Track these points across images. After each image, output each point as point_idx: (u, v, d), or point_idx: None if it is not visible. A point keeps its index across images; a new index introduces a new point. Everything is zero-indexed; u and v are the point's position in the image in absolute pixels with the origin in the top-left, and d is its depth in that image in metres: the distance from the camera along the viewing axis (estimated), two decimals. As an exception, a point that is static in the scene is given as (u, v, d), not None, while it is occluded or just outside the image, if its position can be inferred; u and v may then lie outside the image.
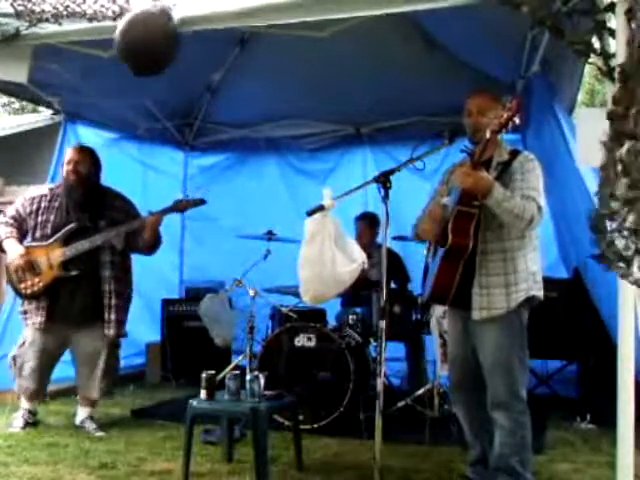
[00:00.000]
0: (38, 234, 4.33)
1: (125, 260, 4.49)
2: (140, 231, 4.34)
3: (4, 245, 4.30)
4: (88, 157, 4.43)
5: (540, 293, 3.11)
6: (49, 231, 4.31)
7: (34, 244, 4.31)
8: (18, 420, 4.38)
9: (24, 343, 4.38)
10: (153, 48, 3.14)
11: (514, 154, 3.15)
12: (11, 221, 4.36)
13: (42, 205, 4.38)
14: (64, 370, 4.66)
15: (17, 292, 4.35)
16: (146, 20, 3.12)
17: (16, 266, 4.23)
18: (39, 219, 4.35)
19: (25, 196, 4.47)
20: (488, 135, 2.97)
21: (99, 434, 4.26)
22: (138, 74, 3.30)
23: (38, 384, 4.40)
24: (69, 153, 4.44)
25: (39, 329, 4.29)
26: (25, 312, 4.36)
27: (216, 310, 5.46)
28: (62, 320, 4.30)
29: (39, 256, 4.25)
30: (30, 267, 4.23)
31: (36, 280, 4.24)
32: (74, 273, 4.25)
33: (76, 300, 4.30)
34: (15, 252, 4.25)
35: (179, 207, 4.38)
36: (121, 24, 3.15)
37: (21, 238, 4.34)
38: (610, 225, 2.36)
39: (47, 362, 4.39)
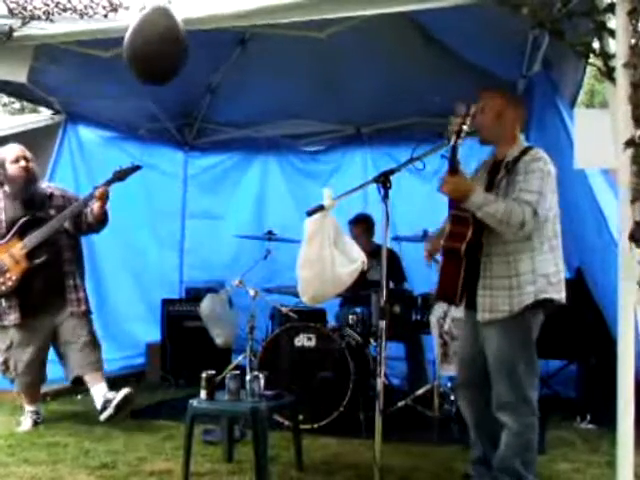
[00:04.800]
0: None
1: (78, 243, 4.63)
2: (86, 210, 4.42)
3: None
4: (25, 155, 4.46)
5: (559, 295, 3.03)
6: (3, 230, 4.36)
7: None
8: (26, 421, 4.40)
9: (11, 345, 4.39)
10: (166, 61, 3.13)
11: (524, 152, 3.07)
12: None
13: None
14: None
15: None
16: (155, 27, 3.09)
17: None
18: None
19: None
20: (453, 142, 2.97)
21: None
22: (145, 82, 3.29)
23: (36, 376, 4.44)
24: (14, 152, 4.42)
25: (18, 325, 4.32)
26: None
27: (216, 310, 5.46)
28: (38, 310, 4.35)
29: (1, 254, 4.29)
30: None
31: (7, 276, 4.27)
32: (41, 260, 4.30)
33: (46, 287, 4.36)
34: None
35: (119, 176, 4.41)
36: (129, 31, 3.12)
37: None
38: None
39: (39, 354, 4.42)
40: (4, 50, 3.48)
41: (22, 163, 4.39)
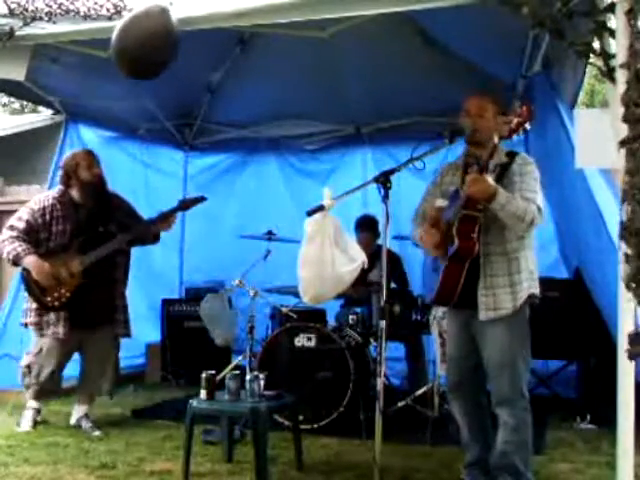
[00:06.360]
0: (52, 244, 4.31)
1: (129, 261, 4.61)
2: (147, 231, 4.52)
3: (25, 261, 4.19)
4: (98, 161, 4.44)
5: (537, 290, 3.15)
6: (65, 240, 4.31)
7: (53, 256, 4.27)
8: (26, 420, 4.37)
9: (40, 351, 4.35)
10: (149, 52, 3.07)
11: (512, 156, 3.17)
12: (23, 235, 4.26)
13: (55, 215, 4.33)
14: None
15: (42, 305, 4.27)
16: (143, 22, 3.07)
17: (43, 282, 4.18)
18: (54, 229, 4.32)
19: (32, 207, 4.35)
20: (496, 141, 3.02)
21: (97, 433, 4.25)
22: (133, 77, 3.26)
23: (56, 384, 4.47)
24: (89, 158, 4.39)
25: (60, 338, 4.29)
26: (39, 323, 4.31)
27: (216, 310, 5.46)
28: (80, 325, 4.33)
29: (60, 267, 4.23)
30: (55, 280, 4.22)
31: (62, 291, 4.23)
32: (94, 279, 4.27)
33: (93, 305, 4.32)
34: (40, 268, 4.18)
35: (184, 206, 4.57)
36: (118, 26, 3.11)
37: (37, 251, 4.27)
38: None
39: (63, 364, 4.45)
40: (3, 48, 3.47)
41: (96, 171, 4.37)
